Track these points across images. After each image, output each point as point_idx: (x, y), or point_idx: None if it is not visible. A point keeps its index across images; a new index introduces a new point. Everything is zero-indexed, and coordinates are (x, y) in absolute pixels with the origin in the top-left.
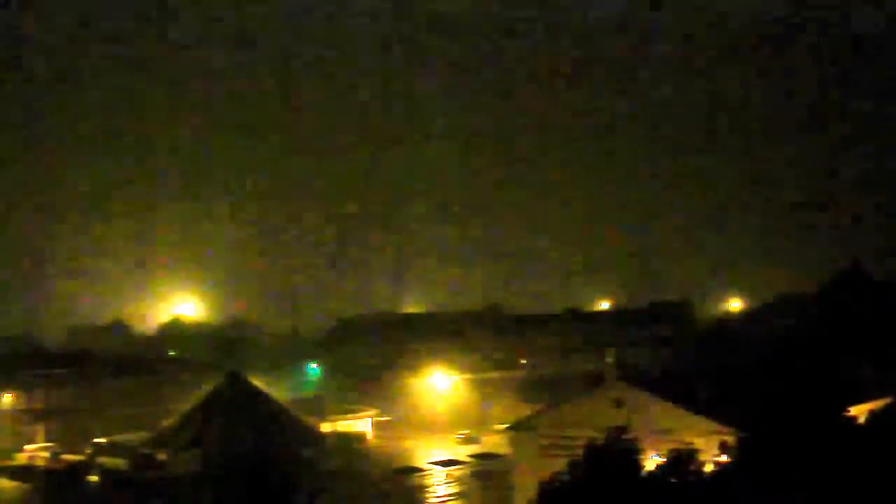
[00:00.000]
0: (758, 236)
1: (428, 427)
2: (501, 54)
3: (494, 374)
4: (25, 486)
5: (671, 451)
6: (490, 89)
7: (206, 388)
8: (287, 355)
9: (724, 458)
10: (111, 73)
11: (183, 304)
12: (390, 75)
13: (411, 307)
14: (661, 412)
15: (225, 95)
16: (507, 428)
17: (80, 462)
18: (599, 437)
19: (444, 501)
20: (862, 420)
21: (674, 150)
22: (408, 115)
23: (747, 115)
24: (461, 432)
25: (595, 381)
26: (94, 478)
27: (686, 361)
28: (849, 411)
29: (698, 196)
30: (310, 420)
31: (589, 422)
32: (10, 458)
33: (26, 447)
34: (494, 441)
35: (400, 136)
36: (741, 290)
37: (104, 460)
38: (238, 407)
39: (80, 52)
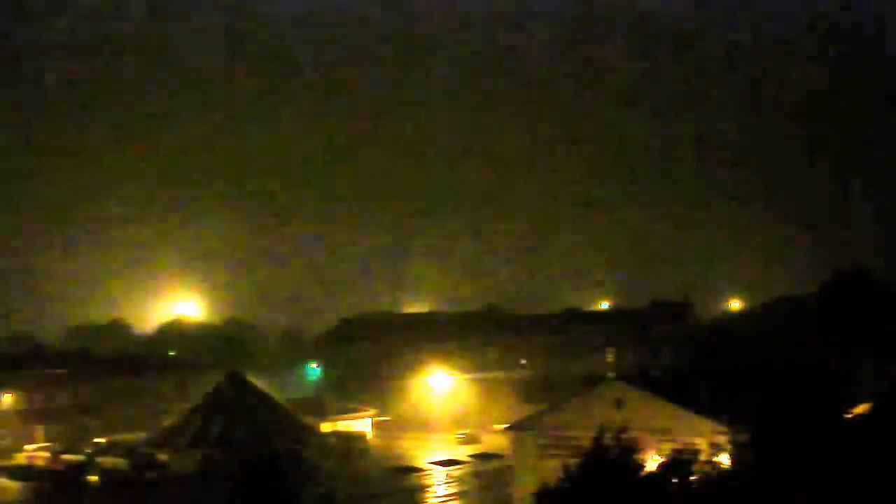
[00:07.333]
0: (758, 236)
1: (428, 427)
2: (501, 56)
3: (494, 374)
4: (25, 486)
5: (671, 451)
6: (489, 91)
7: (206, 388)
8: (287, 355)
9: (723, 458)
10: (110, 71)
11: (183, 304)
12: (391, 76)
13: (411, 307)
14: (661, 412)
15: (226, 95)
16: (507, 428)
17: (80, 462)
18: (599, 436)
19: (444, 501)
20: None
21: (674, 150)
22: (408, 116)
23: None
24: (461, 432)
25: (595, 381)
26: (94, 478)
27: (686, 361)
28: (848, 411)
29: (699, 196)
30: (310, 420)
31: (589, 422)
32: (10, 458)
33: (26, 447)
34: (494, 441)
35: (400, 136)
36: (741, 290)
37: (104, 460)
38: (238, 407)
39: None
